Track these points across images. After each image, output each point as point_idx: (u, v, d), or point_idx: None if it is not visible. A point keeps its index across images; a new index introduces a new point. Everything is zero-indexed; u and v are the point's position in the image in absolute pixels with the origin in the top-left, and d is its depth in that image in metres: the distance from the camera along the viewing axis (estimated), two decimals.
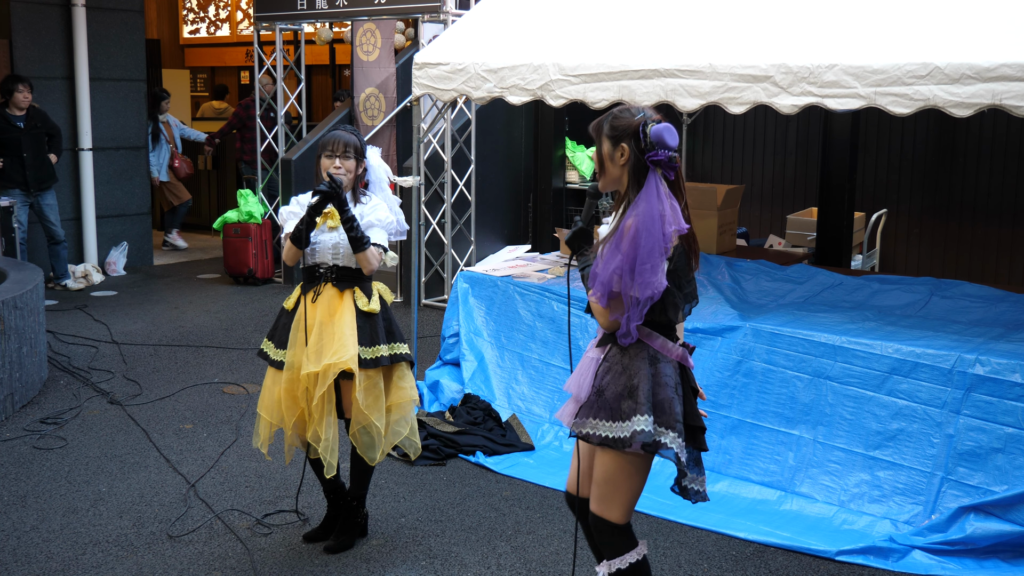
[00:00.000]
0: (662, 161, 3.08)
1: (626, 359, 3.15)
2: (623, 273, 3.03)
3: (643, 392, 3.10)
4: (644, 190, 3.08)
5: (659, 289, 3.02)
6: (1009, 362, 4.35)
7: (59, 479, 5.08)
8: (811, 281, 5.97)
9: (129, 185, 10.75)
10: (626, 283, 3.04)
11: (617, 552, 3.24)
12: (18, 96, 9.06)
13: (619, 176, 3.16)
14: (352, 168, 4.15)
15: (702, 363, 5.18)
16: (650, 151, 3.08)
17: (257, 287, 9.79)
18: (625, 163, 3.13)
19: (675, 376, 3.16)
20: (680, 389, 3.16)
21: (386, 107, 9.62)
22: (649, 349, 3.15)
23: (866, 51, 4.57)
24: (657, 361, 3.14)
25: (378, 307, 4.17)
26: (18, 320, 6.03)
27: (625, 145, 3.11)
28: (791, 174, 9.99)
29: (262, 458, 5.29)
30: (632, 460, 3.16)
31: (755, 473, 4.91)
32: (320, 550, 4.30)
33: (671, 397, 3.12)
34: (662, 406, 3.11)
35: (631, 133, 3.10)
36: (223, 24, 16.61)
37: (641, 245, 3.01)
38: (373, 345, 4.11)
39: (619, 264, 3.04)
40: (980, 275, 8.69)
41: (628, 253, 3.02)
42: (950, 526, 4.24)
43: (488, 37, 5.96)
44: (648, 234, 3.02)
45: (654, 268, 3.01)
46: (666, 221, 3.05)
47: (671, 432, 3.10)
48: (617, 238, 3.07)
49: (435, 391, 6.13)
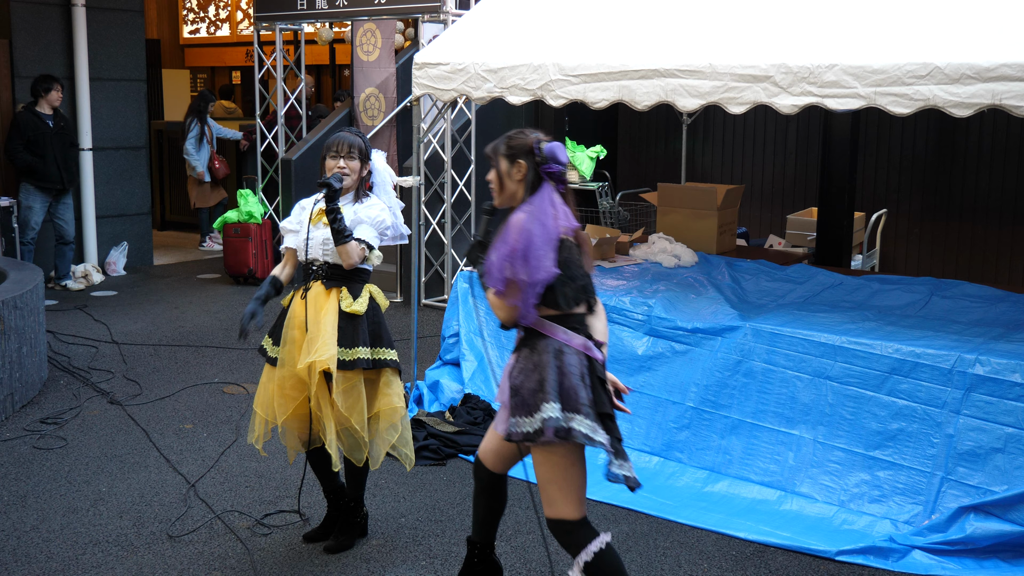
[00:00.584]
0: (555, 173, 3.41)
1: (535, 356, 3.36)
2: (514, 260, 3.28)
3: (550, 382, 3.29)
4: (537, 194, 3.39)
5: (550, 272, 3.27)
6: (1009, 362, 4.35)
7: (59, 479, 5.08)
8: (811, 281, 5.97)
9: (129, 185, 10.75)
10: (518, 269, 3.27)
11: (581, 546, 3.37)
12: (53, 95, 9.22)
13: (515, 191, 3.45)
14: (356, 169, 4.15)
15: (702, 363, 5.19)
16: (544, 164, 3.40)
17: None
18: (522, 178, 3.43)
19: (580, 366, 3.34)
20: (587, 379, 3.33)
21: (386, 107, 9.62)
22: (553, 343, 3.35)
23: (866, 51, 4.57)
24: (562, 353, 3.33)
25: (362, 309, 4.10)
26: (18, 320, 6.03)
27: (522, 161, 3.42)
28: (791, 174, 9.99)
29: (262, 458, 5.29)
30: (562, 454, 3.33)
31: (755, 473, 4.91)
32: (320, 550, 4.30)
33: (575, 384, 3.29)
34: (568, 393, 3.29)
35: (526, 151, 3.42)
36: (223, 24, 16.61)
37: (534, 234, 3.29)
38: (353, 347, 4.07)
39: (509, 252, 3.29)
40: (980, 275, 8.69)
41: (520, 241, 3.28)
42: (950, 526, 4.24)
43: (488, 37, 5.96)
44: (540, 225, 3.31)
45: (547, 254, 3.27)
46: (557, 216, 3.35)
47: (578, 416, 3.26)
48: (505, 232, 3.34)
49: (435, 391, 6.13)
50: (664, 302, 5.48)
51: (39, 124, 9.17)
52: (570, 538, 3.39)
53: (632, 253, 6.69)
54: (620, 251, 6.78)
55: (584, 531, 3.39)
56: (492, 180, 3.53)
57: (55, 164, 9.23)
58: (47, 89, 9.19)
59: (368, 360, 4.09)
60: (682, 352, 5.28)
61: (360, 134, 4.23)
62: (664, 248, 6.55)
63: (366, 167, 4.21)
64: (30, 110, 9.20)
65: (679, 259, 6.40)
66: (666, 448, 5.18)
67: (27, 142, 9.10)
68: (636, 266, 6.39)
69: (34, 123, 9.15)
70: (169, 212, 13.57)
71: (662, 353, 5.35)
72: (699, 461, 5.07)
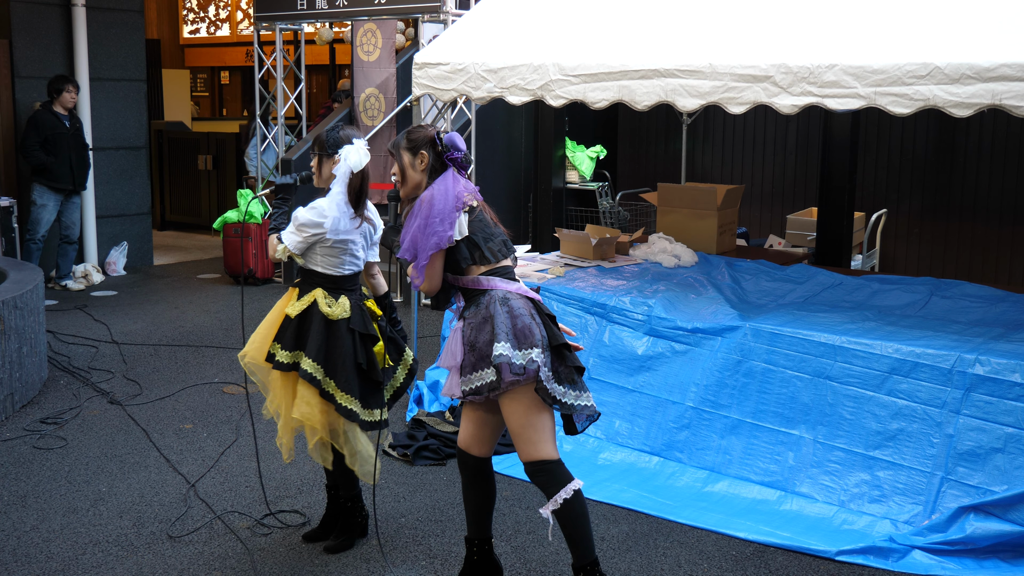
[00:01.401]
0: (457, 159, 3.67)
1: (483, 310, 3.58)
2: (419, 231, 3.55)
3: (501, 328, 3.49)
4: (440, 177, 3.65)
5: (444, 237, 3.53)
6: (1009, 362, 4.35)
7: (59, 479, 5.08)
8: (811, 281, 5.97)
9: (129, 185, 10.75)
10: (421, 239, 3.55)
11: (561, 484, 3.55)
12: (66, 96, 9.24)
13: (420, 181, 3.69)
14: (316, 165, 4.19)
15: (702, 363, 5.19)
16: (447, 152, 3.66)
17: (257, 287, 9.79)
18: (425, 167, 3.68)
19: (527, 307, 3.57)
20: (537, 317, 3.57)
21: (386, 107, 9.62)
22: (496, 293, 3.59)
23: (866, 51, 4.57)
24: (507, 300, 3.57)
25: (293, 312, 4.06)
26: (18, 320, 6.03)
27: (424, 152, 3.67)
28: (791, 174, 9.99)
29: (262, 458, 5.30)
30: (531, 396, 3.52)
31: (755, 473, 4.91)
32: (320, 550, 4.30)
33: (528, 324, 3.51)
34: (522, 333, 3.49)
35: (427, 141, 3.68)
36: (223, 24, 16.62)
37: (435, 206, 3.56)
38: (282, 347, 4.10)
39: (417, 225, 3.56)
40: (980, 275, 8.70)
41: (423, 214, 3.56)
42: (950, 526, 4.24)
43: (488, 37, 5.96)
44: (442, 198, 3.58)
45: (443, 221, 3.54)
46: (458, 188, 3.61)
47: (534, 350, 3.47)
48: (416, 209, 3.62)
49: (435, 391, 6.13)
50: (664, 302, 5.49)
51: (57, 124, 9.20)
52: (550, 477, 3.56)
53: (632, 253, 6.69)
54: (620, 251, 6.78)
55: (562, 469, 3.58)
56: (396, 173, 3.75)
57: (68, 165, 9.27)
58: (59, 90, 9.21)
59: (286, 364, 4.09)
60: (682, 352, 5.29)
61: (334, 128, 4.17)
62: (664, 248, 6.55)
63: (332, 162, 4.10)
64: (48, 109, 9.22)
65: (679, 259, 6.40)
66: (666, 448, 5.18)
67: (43, 141, 9.11)
68: (636, 266, 6.39)
69: (52, 123, 9.18)
70: (169, 212, 13.58)
71: (662, 353, 5.35)
72: (699, 461, 5.07)
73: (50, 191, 9.26)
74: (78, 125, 9.45)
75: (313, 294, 4.10)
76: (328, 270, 4.10)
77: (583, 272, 6.21)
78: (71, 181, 9.33)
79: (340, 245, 4.07)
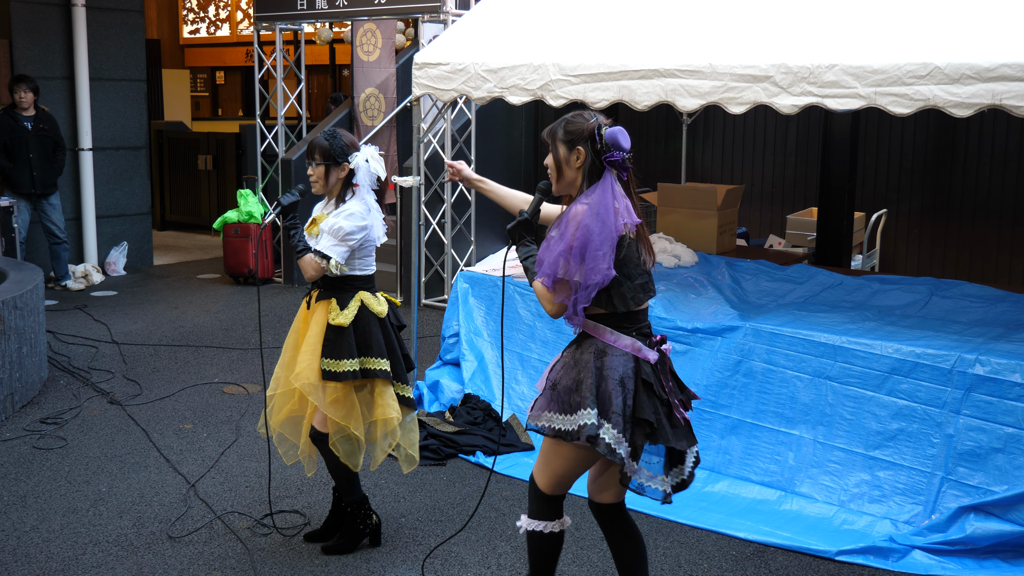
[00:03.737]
0: (617, 161, 3.19)
1: (578, 354, 3.24)
2: (569, 258, 3.10)
3: (587, 385, 3.17)
4: (599, 184, 3.18)
5: (607, 276, 3.10)
6: (1009, 362, 4.35)
7: (59, 479, 5.08)
8: (811, 281, 5.97)
9: (129, 185, 10.75)
10: (572, 268, 3.10)
11: (535, 515, 3.38)
12: (14, 97, 9.02)
13: (574, 179, 3.26)
14: (321, 175, 4.07)
15: (702, 363, 5.19)
16: (606, 152, 3.18)
17: (256, 288, 9.78)
18: (581, 165, 3.23)
19: (623, 369, 3.18)
20: (631, 382, 3.18)
21: (386, 107, 9.62)
22: (597, 343, 3.22)
23: (866, 51, 4.57)
24: (604, 355, 3.20)
25: (346, 321, 4.04)
26: (18, 320, 6.03)
27: (581, 148, 3.21)
28: (791, 174, 9.99)
29: (262, 458, 5.30)
30: (572, 446, 3.23)
31: (755, 473, 4.91)
32: (320, 550, 4.30)
33: (612, 390, 3.16)
34: (603, 398, 3.16)
35: (587, 136, 3.20)
36: (223, 24, 16.62)
37: (593, 232, 3.08)
38: (340, 358, 4.03)
39: (565, 249, 3.11)
40: (980, 275, 8.69)
41: (578, 238, 3.09)
42: (950, 526, 4.25)
43: (488, 37, 5.96)
44: (601, 223, 3.10)
45: (605, 256, 3.08)
46: (619, 213, 3.13)
47: (607, 424, 3.14)
48: (564, 225, 3.15)
49: (435, 391, 6.13)
50: (664, 302, 5.48)
51: (14, 127, 8.99)
52: (535, 502, 3.39)
53: None
54: None
55: (547, 507, 3.37)
56: (549, 166, 3.31)
57: (27, 169, 9.01)
58: (11, 91, 9.02)
59: (355, 372, 4.04)
60: (682, 352, 5.28)
61: (332, 134, 4.08)
62: (664, 248, 6.55)
63: (340, 170, 4.07)
64: (7, 112, 9.03)
65: (679, 259, 6.40)
66: None
67: (3, 146, 8.94)
68: None
69: (9, 126, 8.98)
70: (169, 212, 13.58)
71: None
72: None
73: (16, 195, 9.06)
74: (44, 126, 9.16)
75: (359, 298, 4.11)
76: (364, 271, 4.15)
77: None
78: (32, 185, 9.06)
79: (368, 245, 4.14)
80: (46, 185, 9.21)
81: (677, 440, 3.27)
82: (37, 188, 9.13)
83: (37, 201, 9.23)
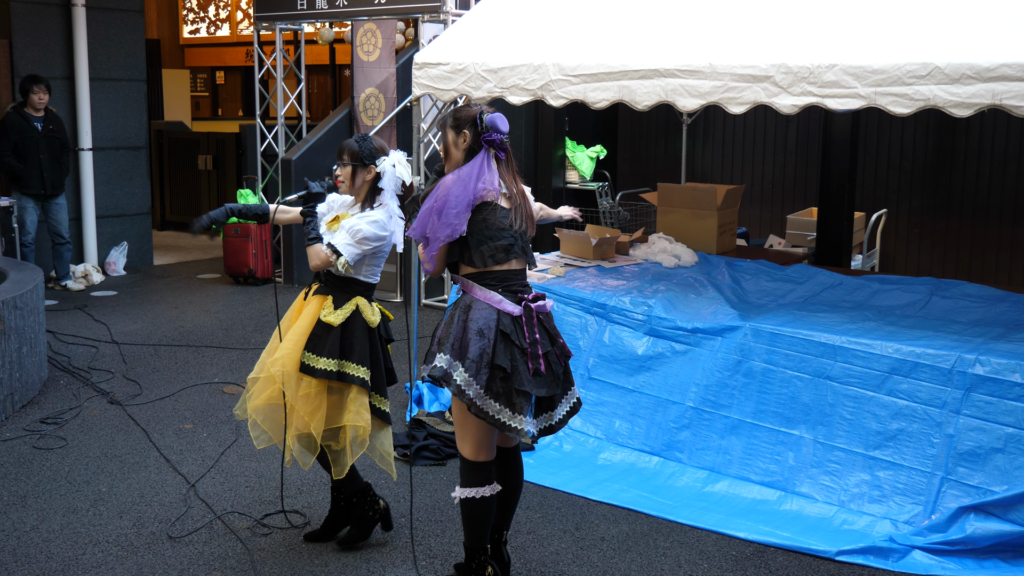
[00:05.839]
0: (494, 142, 3.64)
1: (454, 309, 3.68)
2: (432, 215, 3.57)
3: (451, 335, 3.60)
4: (472, 160, 3.64)
5: (457, 231, 3.55)
6: (1009, 362, 4.35)
7: (59, 479, 5.08)
8: (811, 281, 5.97)
9: (129, 185, 10.75)
10: (433, 224, 3.57)
11: (465, 483, 3.72)
12: (33, 97, 9.04)
13: (460, 159, 3.69)
14: (348, 175, 4.09)
15: (702, 363, 5.19)
16: (484, 133, 3.63)
17: (257, 287, 9.79)
18: (466, 147, 3.68)
19: (483, 321, 3.57)
20: (491, 332, 3.56)
21: (386, 107, 9.62)
22: (467, 298, 3.66)
23: (866, 51, 4.57)
24: (470, 308, 3.62)
25: (336, 321, 4.03)
26: (18, 320, 6.03)
27: (467, 131, 3.67)
28: (791, 174, 9.99)
29: (262, 458, 5.30)
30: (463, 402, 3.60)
31: (755, 473, 4.91)
32: (320, 550, 4.30)
33: (471, 338, 3.56)
34: (463, 346, 3.57)
35: (471, 121, 3.67)
36: (223, 24, 16.62)
37: (452, 193, 3.55)
38: (319, 355, 4.02)
39: (430, 208, 3.59)
40: (980, 275, 8.70)
41: (439, 198, 3.57)
42: (950, 526, 4.25)
43: (488, 37, 5.96)
44: (463, 186, 3.57)
45: (459, 214, 3.54)
46: (481, 179, 3.58)
47: (461, 367, 3.54)
48: (435, 191, 3.64)
49: (435, 391, 6.13)
50: (664, 302, 5.49)
51: (25, 127, 9.00)
52: (463, 471, 3.73)
53: (632, 253, 6.69)
54: (620, 251, 6.78)
55: (475, 473, 3.70)
56: (441, 150, 3.77)
57: (38, 169, 9.03)
58: (25, 91, 9.03)
59: (331, 372, 4.01)
60: (682, 352, 5.29)
61: (364, 137, 4.12)
62: (664, 248, 6.55)
63: (367, 172, 4.08)
64: (18, 111, 9.04)
65: (679, 259, 6.40)
66: (666, 448, 5.18)
67: (12, 145, 8.94)
68: (636, 266, 6.39)
69: (20, 125, 8.98)
70: (169, 212, 13.57)
71: (662, 353, 5.35)
72: (699, 461, 5.07)
73: (25, 195, 9.11)
74: (53, 127, 9.19)
75: (354, 302, 4.10)
76: (369, 278, 4.15)
77: (583, 272, 6.21)
78: (42, 185, 9.10)
79: (380, 256, 4.15)
80: (56, 186, 9.28)
81: (536, 387, 3.62)
82: (47, 189, 9.19)
83: (45, 201, 9.28)
